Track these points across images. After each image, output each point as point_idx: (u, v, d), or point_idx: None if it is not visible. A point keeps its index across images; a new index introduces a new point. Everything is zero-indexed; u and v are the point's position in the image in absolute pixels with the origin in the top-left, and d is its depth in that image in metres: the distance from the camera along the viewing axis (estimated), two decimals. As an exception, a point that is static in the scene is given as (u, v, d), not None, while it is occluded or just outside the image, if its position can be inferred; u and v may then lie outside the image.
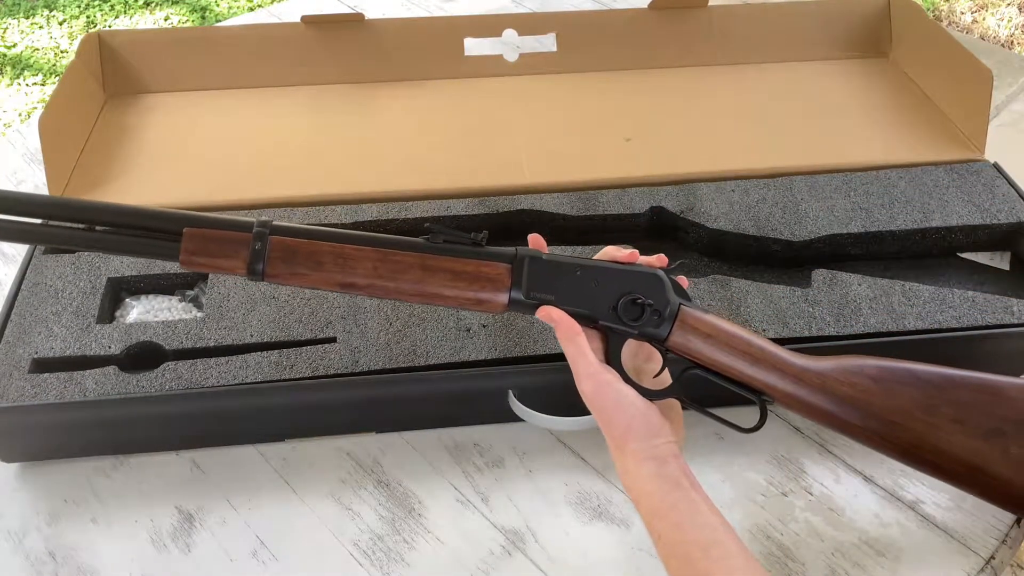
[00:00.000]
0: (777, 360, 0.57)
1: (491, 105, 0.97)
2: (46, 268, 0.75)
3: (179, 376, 0.67)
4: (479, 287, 0.57)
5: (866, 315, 0.71)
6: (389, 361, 0.69)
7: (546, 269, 0.58)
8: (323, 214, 0.81)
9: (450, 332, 0.70)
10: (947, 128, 0.93)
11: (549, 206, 0.82)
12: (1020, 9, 2.56)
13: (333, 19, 1.00)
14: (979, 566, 0.64)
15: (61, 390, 0.66)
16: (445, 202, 0.83)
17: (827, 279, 0.74)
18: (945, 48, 0.95)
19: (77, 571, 0.64)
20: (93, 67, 0.96)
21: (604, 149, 0.91)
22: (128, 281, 0.76)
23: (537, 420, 0.68)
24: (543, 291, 0.57)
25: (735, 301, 0.72)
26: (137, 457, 0.71)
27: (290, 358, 0.69)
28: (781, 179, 0.86)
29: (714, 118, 0.96)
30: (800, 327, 0.71)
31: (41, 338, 0.70)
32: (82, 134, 0.91)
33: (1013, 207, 0.82)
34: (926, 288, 0.74)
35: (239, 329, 0.71)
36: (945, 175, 0.86)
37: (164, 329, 0.71)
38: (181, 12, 2.58)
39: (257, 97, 0.98)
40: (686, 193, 0.84)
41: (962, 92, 0.92)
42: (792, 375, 0.57)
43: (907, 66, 1.03)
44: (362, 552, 0.65)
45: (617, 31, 1.03)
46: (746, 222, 0.81)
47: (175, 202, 0.82)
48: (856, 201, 0.83)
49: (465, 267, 0.57)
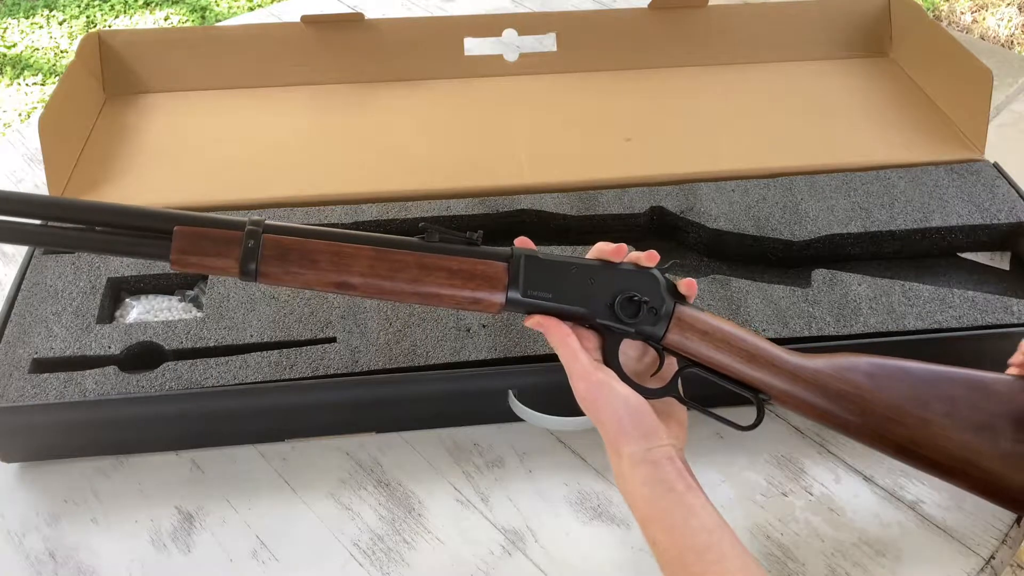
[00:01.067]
0: (772, 358, 0.58)
1: (491, 105, 0.97)
2: (46, 268, 0.75)
3: (179, 376, 0.67)
4: (475, 285, 0.57)
5: (866, 315, 0.71)
6: (389, 361, 0.69)
7: (542, 267, 0.57)
8: (323, 214, 0.81)
9: (450, 332, 0.70)
10: (947, 128, 0.93)
11: (549, 206, 0.82)
12: (1020, 9, 2.56)
13: (333, 19, 1.00)
14: (979, 566, 0.64)
15: (61, 390, 0.66)
16: (445, 202, 0.83)
17: (827, 279, 0.74)
18: (945, 48, 0.95)
19: (77, 571, 0.64)
20: (93, 67, 0.96)
21: (604, 149, 0.91)
22: (128, 281, 0.76)
23: (537, 420, 0.68)
24: (540, 289, 0.57)
25: (735, 301, 0.72)
26: (137, 457, 0.71)
27: (290, 358, 0.69)
28: (781, 179, 0.86)
29: (714, 118, 0.96)
30: (800, 327, 0.71)
31: (41, 338, 0.70)
32: (82, 134, 0.91)
33: (1013, 207, 0.82)
34: (926, 288, 0.74)
35: (239, 329, 0.71)
36: (945, 175, 0.86)
37: (164, 329, 0.71)
38: (181, 12, 2.58)
39: (257, 97, 0.99)
40: (686, 193, 0.84)
41: (962, 92, 0.92)
42: (787, 373, 0.58)
43: (907, 66, 1.03)
44: (362, 552, 0.65)
45: (617, 31, 1.03)
46: (746, 222, 0.81)
47: (175, 202, 0.82)
48: (856, 201, 0.83)
49: (462, 265, 0.57)
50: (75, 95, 0.91)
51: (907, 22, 1.03)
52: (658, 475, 0.53)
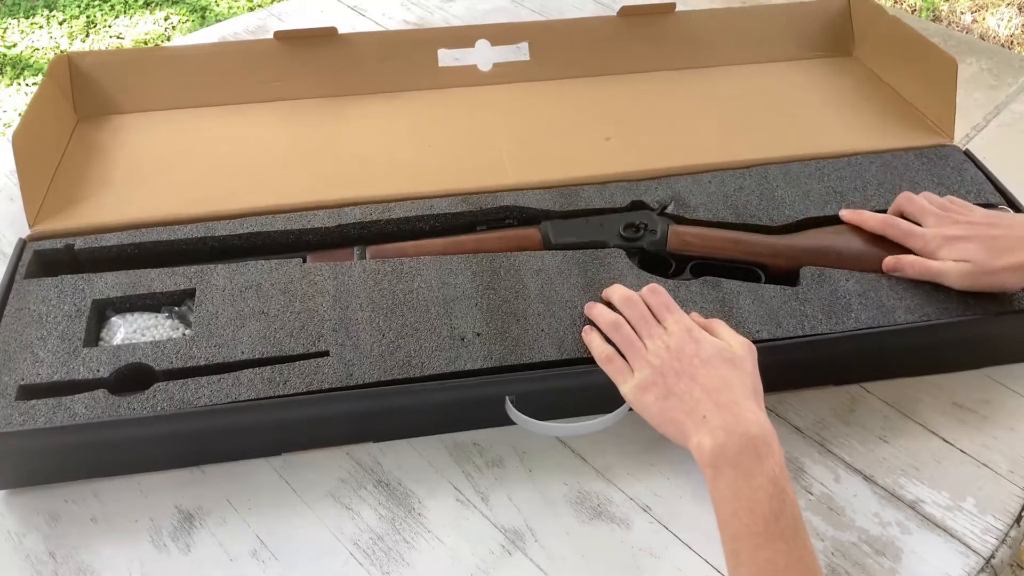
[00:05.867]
0: (756, 249, 0.79)
1: (470, 112, 0.98)
2: (29, 293, 0.74)
3: (170, 397, 0.66)
4: (517, 245, 0.79)
5: (857, 310, 0.72)
6: (383, 373, 0.68)
7: (564, 225, 0.80)
8: (305, 219, 0.81)
9: (444, 342, 0.70)
10: (915, 116, 0.96)
11: (532, 202, 0.83)
12: (1020, 9, 2.61)
13: (306, 34, 0.99)
14: (979, 566, 0.64)
15: (50, 416, 0.65)
16: (428, 201, 0.83)
17: (815, 276, 0.76)
18: (908, 41, 0.97)
19: (77, 571, 0.64)
20: (64, 88, 0.95)
21: (584, 149, 0.92)
22: (114, 302, 0.75)
23: (536, 427, 0.68)
24: (565, 237, 0.79)
25: (727, 302, 0.73)
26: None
27: (283, 373, 0.68)
28: (756, 169, 0.88)
29: (688, 117, 0.97)
30: (793, 326, 0.71)
31: (27, 364, 0.69)
32: (55, 154, 0.89)
33: (982, 188, 0.85)
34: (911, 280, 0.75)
35: (229, 346, 0.70)
36: (915, 159, 0.88)
37: (153, 349, 0.70)
38: (181, 12, 2.55)
39: (232, 114, 0.98)
40: (665, 187, 0.85)
41: (928, 82, 0.95)
42: (771, 254, 0.78)
43: (871, 63, 1.05)
44: (362, 552, 0.65)
45: (588, 39, 1.05)
46: (725, 211, 0.83)
47: (151, 217, 0.82)
48: (830, 185, 0.85)
49: (506, 234, 0.80)
50: (47, 116, 0.89)
51: (868, 21, 1.06)
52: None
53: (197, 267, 0.76)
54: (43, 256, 0.78)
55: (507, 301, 0.73)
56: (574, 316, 0.72)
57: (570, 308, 0.73)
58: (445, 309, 0.73)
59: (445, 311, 0.73)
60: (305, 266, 0.77)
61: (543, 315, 0.72)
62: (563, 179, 0.87)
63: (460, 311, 0.72)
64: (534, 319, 0.72)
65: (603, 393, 0.67)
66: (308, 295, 0.74)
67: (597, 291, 0.74)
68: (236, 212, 0.82)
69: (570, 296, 0.74)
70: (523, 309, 0.73)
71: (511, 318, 0.72)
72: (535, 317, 0.72)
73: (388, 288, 0.74)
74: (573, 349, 0.70)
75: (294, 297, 0.74)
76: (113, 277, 0.75)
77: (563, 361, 0.69)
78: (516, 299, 0.73)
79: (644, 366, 0.65)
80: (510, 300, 0.73)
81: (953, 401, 0.76)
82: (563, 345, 0.70)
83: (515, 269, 0.76)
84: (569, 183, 0.86)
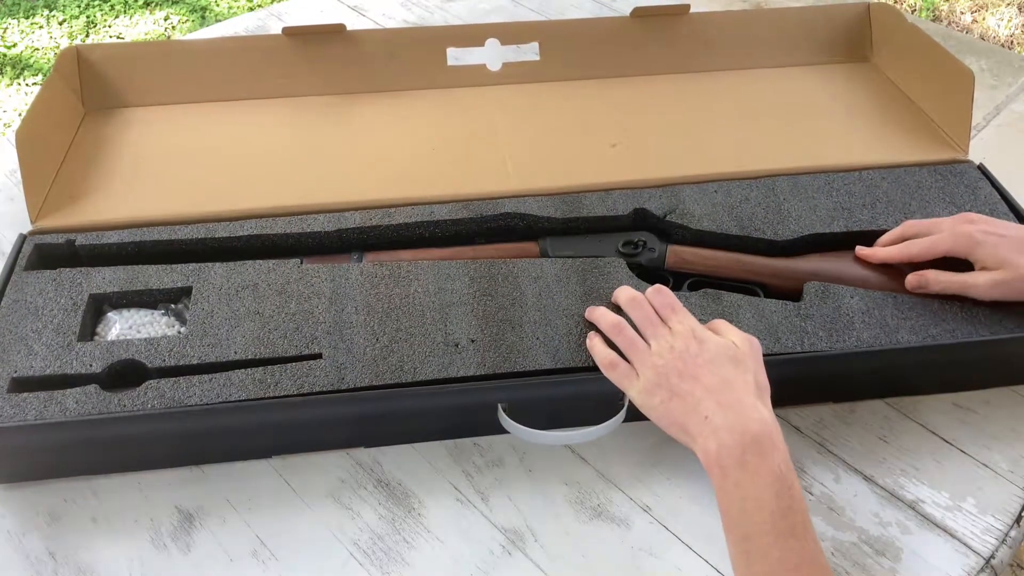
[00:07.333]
0: (757, 268, 0.78)
1: (475, 114, 0.97)
2: (27, 285, 0.74)
3: (162, 394, 0.66)
4: (516, 256, 0.78)
5: (859, 329, 0.71)
6: (376, 378, 0.68)
7: (562, 241, 0.80)
8: (305, 223, 0.81)
9: (438, 347, 0.70)
10: (930, 129, 0.94)
11: (533, 209, 0.82)
12: (1020, 9, 2.58)
13: (314, 30, 0.99)
14: (979, 566, 0.64)
15: (41, 410, 0.65)
16: (428, 207, 0.82)
17: (819, 292, 0.74)
18: (926, 51, 0.95)
19: (77, 571, 0.64)
20: (72, 81, 0.95)
21: (590, 155, 0.91)
22: (111, 297, 0.75)
23: (528, 436, 0.68)
24: (563, 250, 0.79)
25: (727, 316, 0.72)
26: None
27: (275, 375, 0.68)
28: (763, 180, 0.86)
29: (697, 123, 0.96)
30: (793, 343, 0.70)
31: (21, 357, 0.69)
32: (61, 148, 0.89)
33: (995, 209, 0.82)
34: (917, 300, 0.73)
35: (223, 346, 0.70)
36: (928, 176, 0.86)
37: (146, 346, 0.70)
38: (181, 12, 2.56)
39: (239, 110, 0.98)
40: (669, 195, 0.84)
41: (944, 94, 0.93)
42: (771, 274, 0.78)
43: (889, 70, 1.03)
44: (362, 552, 0.65)
45: (599, 39, 1.03)
46: (729, 222, 0.81)
47: (152, 216, 0.81)
48: (838, 201, 0.83)
49: (504, 247, 0.80)
50: (53, 109, 0.90)
51: (887, 27, 1.04)
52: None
53: (195, 265, 0.76)
54: (43, 250, 0.79)
55: (504, 308, 0.72)
56: (571, 325, 0.71)
57: (567, 317, 0.72)
58: (441, 314, 0.72)
59: (441, 316, 0.72)
60: (302, 267, 0.76)
61: (539, 323, 0.71)
62: (566, 186, 0.85)
63: (456, 317, 0.72)
64: (530, 327, 0.71)
65: (597, 402, 0.67)
66: (304, 297, 0.73)
67: (595, 300, 0.73)
68: (237, 213, 0.82)
69: (567, 305, 0.73)
70: (519, 317, 0.72)
71: (507, 325, 0.71)
72: (531, 325, 0.71)
73: (384, 292, 0.74)
74: (568, 359, 0.69)
75: (290, 298, 0.73)
76: (111, 272, 0.75)
77: (557, 370, 0.68)
78: (513, 306, 0.73)
79: (648, 368, 0.64)
80: (507, 307, 0.73)
81: (953, 401, 0.75)
82: (558, 354, 0.69)
83: (513, 276, 0.75)
84: (572, 190, 0.85)
